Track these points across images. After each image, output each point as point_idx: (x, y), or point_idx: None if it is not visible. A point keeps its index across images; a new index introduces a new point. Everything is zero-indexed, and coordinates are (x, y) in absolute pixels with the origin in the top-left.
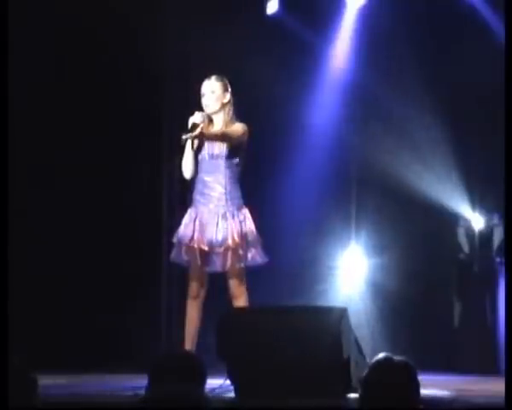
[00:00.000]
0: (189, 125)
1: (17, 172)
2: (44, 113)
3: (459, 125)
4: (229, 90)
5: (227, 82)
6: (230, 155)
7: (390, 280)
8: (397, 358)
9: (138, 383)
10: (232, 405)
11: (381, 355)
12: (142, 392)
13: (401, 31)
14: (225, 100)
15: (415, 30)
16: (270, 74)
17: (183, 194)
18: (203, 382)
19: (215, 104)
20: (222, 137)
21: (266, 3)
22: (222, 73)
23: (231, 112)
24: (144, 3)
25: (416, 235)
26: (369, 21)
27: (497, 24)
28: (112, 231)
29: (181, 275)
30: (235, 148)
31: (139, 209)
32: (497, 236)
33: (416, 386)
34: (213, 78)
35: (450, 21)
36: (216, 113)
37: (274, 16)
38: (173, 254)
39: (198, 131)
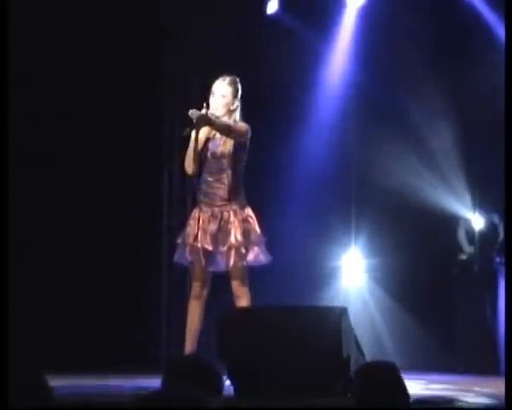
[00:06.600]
0: (194, 119)
1: (17, 172)
2: (44, 112)
3: (459, 125)
4: (239, 96)
5: (239, 86)
6: (233, 154)
7: (390, 280)
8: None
9: (139, 383)
10: (232, 405)
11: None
12: (143, 392)
13: (401, 30)
14: (233, 107)
15: (415, 30)
16: (270, 74)
17: (183, 194)
18: (219, 393)
19: (222, 109)
20: (225, 128)
21: (266, 3)
22: (223, 73)
23: (236, 117)
24: (144, 2)
25: (416, 235)
26: (369, 21)
27: (498, 25)
28: (112, 231)
29: (181, 275)
30: (237, 147)
31: (139, 209)
32: (497, 236)
33: (402, 386)
34: (228, 80)
35: (452, 21)
36: (220, 116)
37: (274, 16)
38: (177, 255)
39: (202, 114)
